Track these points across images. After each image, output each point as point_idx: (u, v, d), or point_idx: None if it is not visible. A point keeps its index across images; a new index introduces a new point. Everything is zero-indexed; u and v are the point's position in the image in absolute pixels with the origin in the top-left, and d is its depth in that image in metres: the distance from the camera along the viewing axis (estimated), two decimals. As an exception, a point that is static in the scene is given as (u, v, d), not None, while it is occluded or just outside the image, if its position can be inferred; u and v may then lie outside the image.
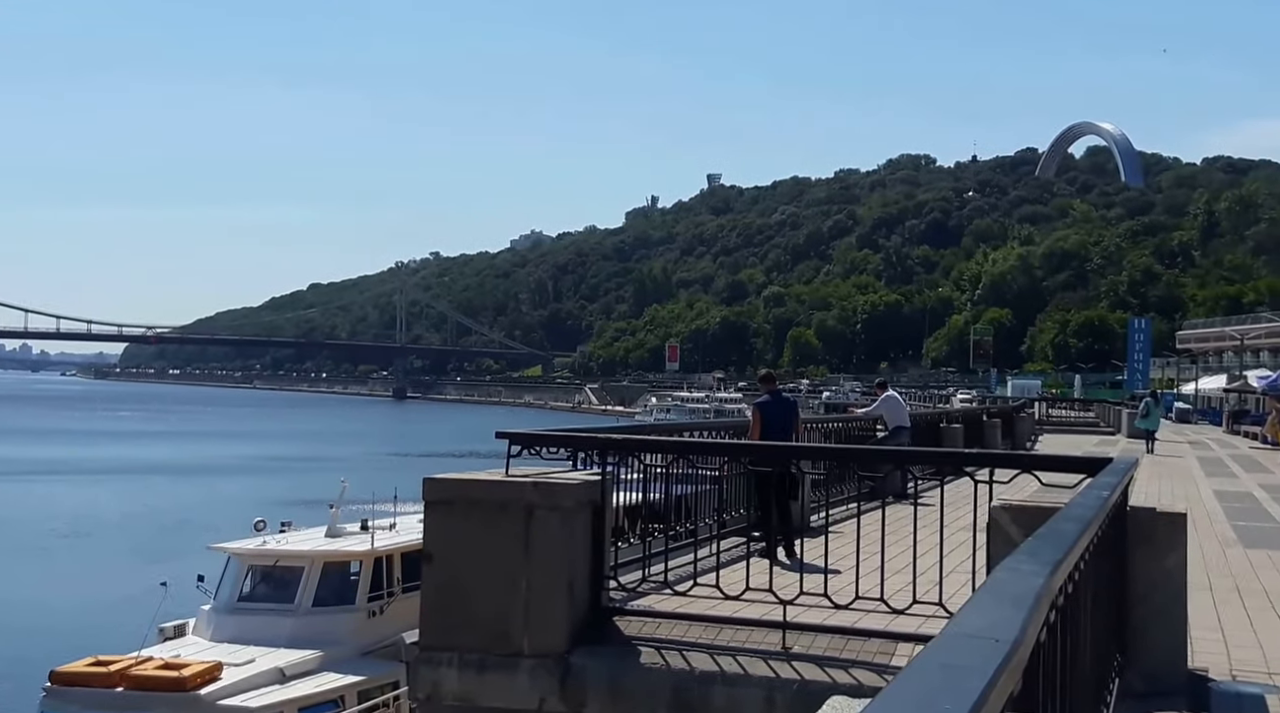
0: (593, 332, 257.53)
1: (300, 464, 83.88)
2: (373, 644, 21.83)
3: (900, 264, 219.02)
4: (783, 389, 14.81)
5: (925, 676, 1.82)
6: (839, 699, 2.46)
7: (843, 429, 19.07)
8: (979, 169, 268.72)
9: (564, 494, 8.45)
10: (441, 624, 8.56)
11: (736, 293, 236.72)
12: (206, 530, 35.26)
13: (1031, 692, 2.93)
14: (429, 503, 8.81)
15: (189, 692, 19.00)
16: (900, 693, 1.72)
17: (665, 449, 9.78)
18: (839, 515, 10.36)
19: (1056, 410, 62.82)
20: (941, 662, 1.92)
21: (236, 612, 22.18)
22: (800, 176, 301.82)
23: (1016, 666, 2.21)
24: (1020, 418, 38.30)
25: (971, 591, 7.65)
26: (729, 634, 8.16)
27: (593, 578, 8.58)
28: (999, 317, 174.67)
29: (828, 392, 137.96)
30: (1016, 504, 6.67)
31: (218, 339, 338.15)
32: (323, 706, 20.17)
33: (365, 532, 23.77)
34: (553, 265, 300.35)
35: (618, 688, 8.06)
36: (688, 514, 10.31)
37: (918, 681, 1.79)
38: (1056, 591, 3.32)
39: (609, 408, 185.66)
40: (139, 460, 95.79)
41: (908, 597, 8.02)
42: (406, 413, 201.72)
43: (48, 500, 69.16)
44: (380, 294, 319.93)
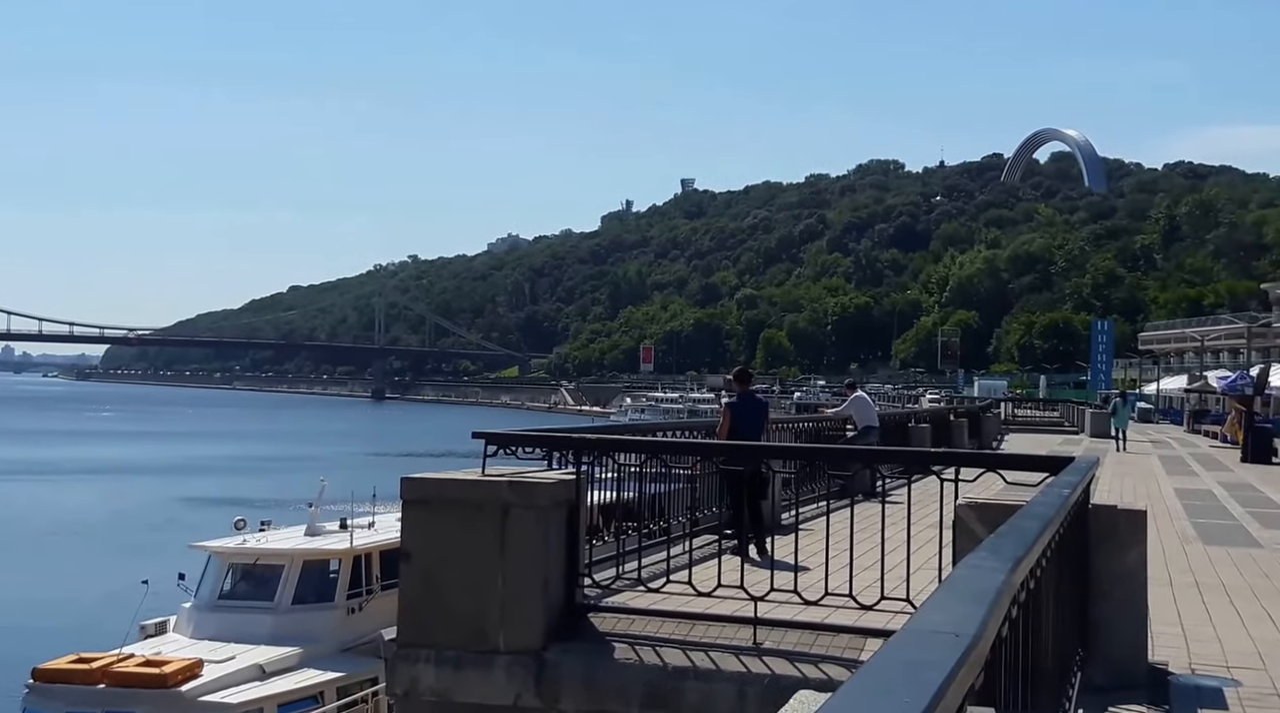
0: (569, 333, 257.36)
1: (280, 464, 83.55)
2: (352, 641, 21.79)
3: (870, 267, 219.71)
4: (756, 390, 14.80)
5: (886, 670, 1.84)
6: (806, 694, 2.47)
7: (813, 429, 19.14)
8: (946, 174, 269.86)
9: (539, 493, 8.45)
10: (419, 622, 8.56)
11: (710, 295, 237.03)
12: (187, 529, 35.10)
13: (993, 685, 2.95)
14: (407, 502, 8.81)
15: (170, 688, 18.93)
16: (862, 687, 1.73)
17: (639, 449, 9.79)
18: (809, 513, 10.42)
19: (1022, 410, 63.06)
20: (903, 657, 1.93)
21: (217, 609, 22.12)
22: (772, 181, 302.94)
23: (977, 660, 2.23)
24: (986, 418, 38.49)
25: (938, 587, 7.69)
26: (701, 630, 8.17)
27: (567, 576, 8.58)
28: (966, 319, 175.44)
29: (799, 392, 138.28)
30: (981, 502, 6.70)
31: (198, 341, 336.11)
32: (302, 702, 20.12)
33: (344, 530, 23.74)
34: (529, 268, 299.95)
35: (592, 684, 8.07)
36: (661, 513, 10.32)
37: (879, 675, 1.81)
38: (1018, 586, 3.34)
39: (584, 408, 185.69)
40: (120, 460, 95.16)
41: (876, 593, 8.05)
42: (385, 414, 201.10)
43: (29, 500, 68.61)
44: (359, 296, 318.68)
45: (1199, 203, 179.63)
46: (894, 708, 1.62)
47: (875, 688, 1.73)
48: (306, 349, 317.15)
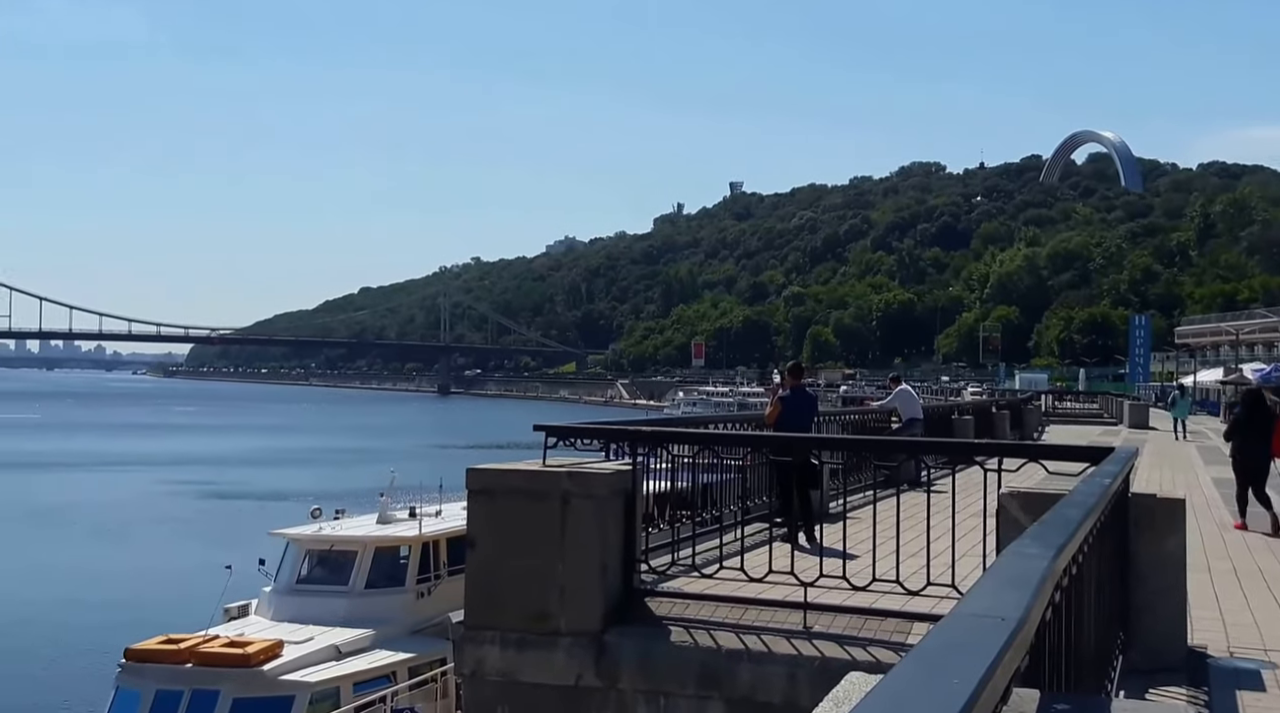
0: (623, 330, 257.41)
1: (352, 456, 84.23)
2: (421, 623, 21.89)
3: (913, 265, 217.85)
4: (807, 384, 14.65)
5: (936, 653, 1.83)
6: (856, 675, 2.46)
7: (859, 421, 19.01)
8: (986, 176, 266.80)
9: (597, 483, 8.45)
10: (485, 605, 8.58)
11: (758, 293, 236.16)
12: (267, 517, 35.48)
13: (1038, 668, 2.92)
14: (472, 492, 8.82)
15: (253, 667, 19.13)
16: (912, 669, 1.72)
17: (692, 440, 9.77)
18: (856, 502, 10.34)
19: (1062, 403, 62.30)
20: (951, 640, 1.92)
21: (295, 593, 22.30)
22: (817, 184, 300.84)
23: (1022, 643, 2.21)
24: (1028, 410, 38.04)
25: (982, 573, 7.62)
26: (753, 614, 8.15)
27: (625, 562, 8.58)
28: (1007, 314, 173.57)
29: (844, 386, 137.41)
30: (1024, 491, 6.63)
31: (276, 340, 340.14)
32: (376, 681, 20.26)
33: (413, 518, 23.84)
34: (585, 269, 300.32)
35: (649, 665, 8.07)
36: (713, 502, 10.30)
37: (929, 657, 1.79)
38: (1061, 572, 3.31)
39: (639, 402, 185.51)
40: (203, 453, 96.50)
41: (922, 579, 7.98)
42: (450, 408, 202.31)
43: (121, 489, 69.76)
44: (425, 297, 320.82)
45: (1233, 201, 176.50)
46: (944, 690, 1.61)
47: (925, 670, 1.72)
48: (376, 347, 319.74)
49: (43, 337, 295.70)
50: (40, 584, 40.81)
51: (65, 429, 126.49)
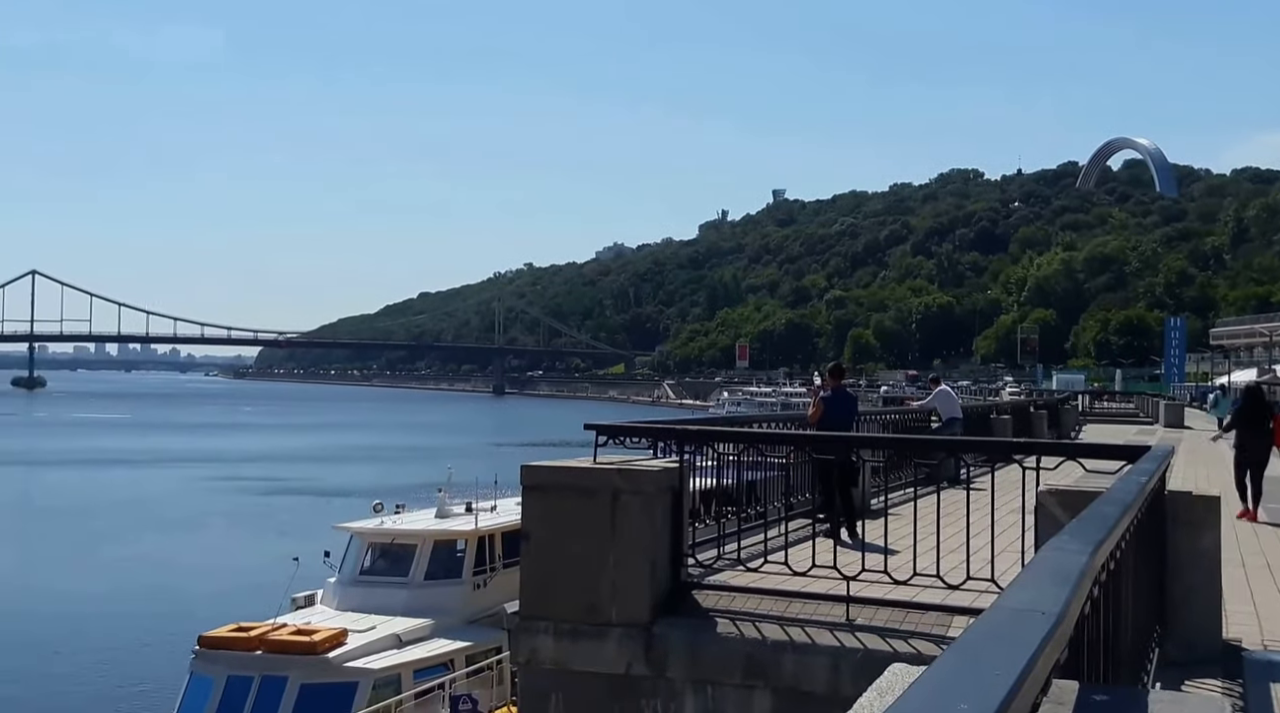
0: (670, 333, 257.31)
1: (412, 453, 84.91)
2: (477, 614, 21.95)
3: (951, 269, 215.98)
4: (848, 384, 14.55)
5: (978, 645, 1.81)
6: (899, 667, 2.44)
7: (900, 420, 18.86)
8: (1024, 182, 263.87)
9: (646, 480, 8.45)
10: (538, 596, 8.60)
11: (800, 297, 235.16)
12: (332, 512, 35.86)
13: (1077, 660, 2.89)
14: (526, 488, 8.83)
15: (319, 655, 19.29)
16: (955, 660, 1.70)
17: (737, 439, 9.75)
18: (897, 499, 10.28)
19: (1099, 403, 61.48)
20: (993, 632, 1.90)
21: (358, 584, 22.43)
22: (858, 190, 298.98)
23: (1062, 636, 2.19)
24: (1065, 410, 37.60)
25: (1021, 568, 7.53)
26: (797, 607, 8.11)
27: (672, 555, 8.57)
28: (1044, 317, 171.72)
29: (885, 386, 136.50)
30: (1062, 489, 6.55)
31: (339, 343, 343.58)
32: (435, 668, 20.36)
33: (470, 513, 23.90)
34: (634, 274, 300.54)
35: (697, 655, 8.06)
36: (758, 498, 10.27)
37: (971, 649, 1.78)
38: (1099, 568, 3.27)
39: (685, 402, 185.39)
40: (272, 450, 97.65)
41: (962, 574, 7.91)
42: (504, 407, 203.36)
43: (195, 485, 70.76)
44: (481, 301, 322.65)
45: (1266, 206, 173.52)
46: (986, 681, 1.59)
47: (968, 661, 1.70)
48: (434, 349, 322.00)
49: (121, 340, 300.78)
50: (119, 574, 41.53)
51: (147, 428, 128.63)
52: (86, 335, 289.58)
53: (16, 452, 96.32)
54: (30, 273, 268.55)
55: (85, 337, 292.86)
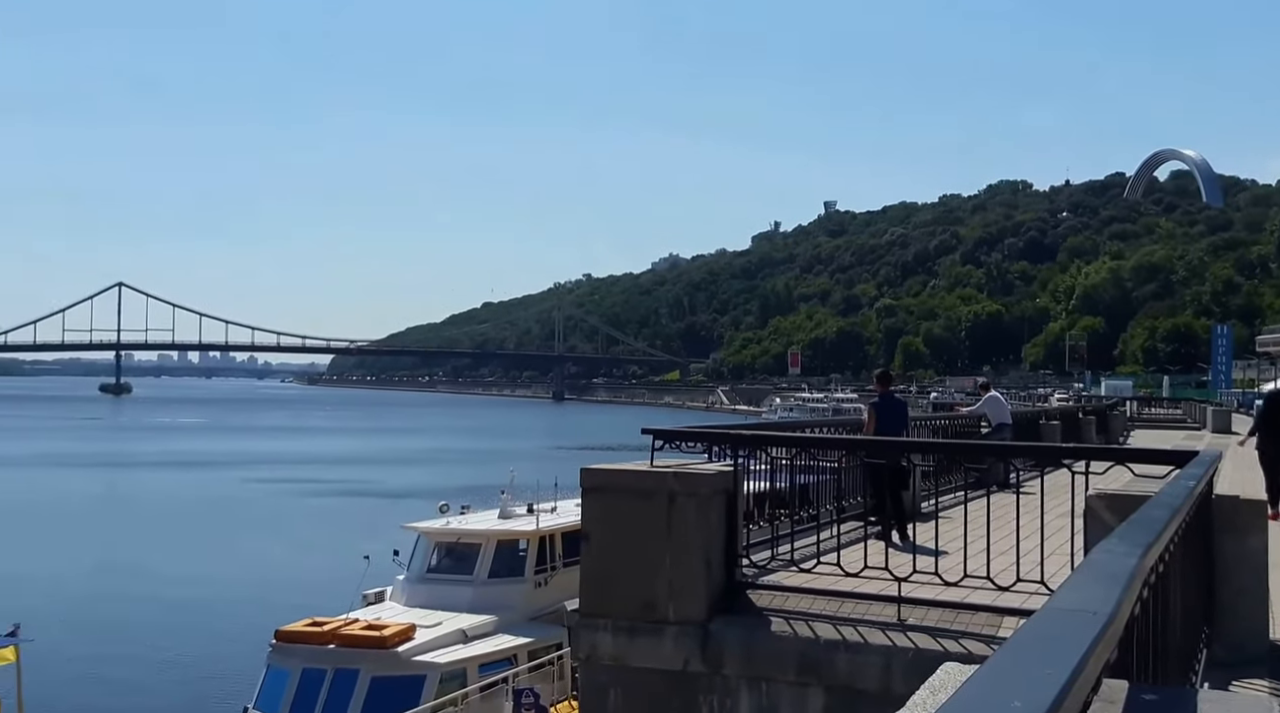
0: (723, 341, 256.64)
1: (475, 456, 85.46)
2: (539, 611, 22.02)
3: (1001, 278, 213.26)
4: (895, 390, 14.46)
5: (1030, 644, 1.79)
6: (951, 665, 2.42)
7: (950, 426, 18.66)
8: (1072, 192, 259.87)
9: (701, 483, 8.44)
10: (598, 594, 8.61)
11: (851, 305, 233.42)
12: (400, 512, 36.15)
13: (1127, 660, 2.86)
14: (585, 490, 8.84)
15: (389, 649, 19.47)
16: (1007, 660, 1.69)
17: (789, 444, 9.71)
18: (947, 503, 10.15)
19: (1147, 409, 60.32)
20: (1045, 632, 1.88)
21: (426, 581, 22.60)
22: (908, 201, 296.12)
23: (1112, 637, 2.16)
24: (1113, 415, 36.94)
25: (1070, 571, 7.43)
26: (850, 607, 8.06)
27: (727, 556, 8.54)
28: (1092, 325, 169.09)
29: (935, 392, 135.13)
30: (1111, 493, 6.46)
31: (407, 350, 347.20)
32: (499, 663, 20.45)
33: (531, 514, 23.99)
34: (688, 283, 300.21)
35: (751, 653, 8.03)
36: (810, 501, 10.21)
37: (1024, 648, 1.76)
38: (1148, 570, 3.23)
39: (738, 408, 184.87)
40: (344, 453, 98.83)
41: (1012, 576, 7.81)
42: (564, 412, 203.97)
43: (268, 486, 71.77)
44: (541, 311, 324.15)
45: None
46: (1038, 679, 1.58)
47: (1021, 660, 1.69)
48: (497, 357, 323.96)
49: (202, 348, 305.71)
50: (201, 571, 42.20)
51: (225, 431, 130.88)
52: (169, 344, 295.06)
53: (103, 454, 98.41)
54: (117, 285, 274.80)
55: (168, 345, 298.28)
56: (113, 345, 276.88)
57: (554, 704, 19.44)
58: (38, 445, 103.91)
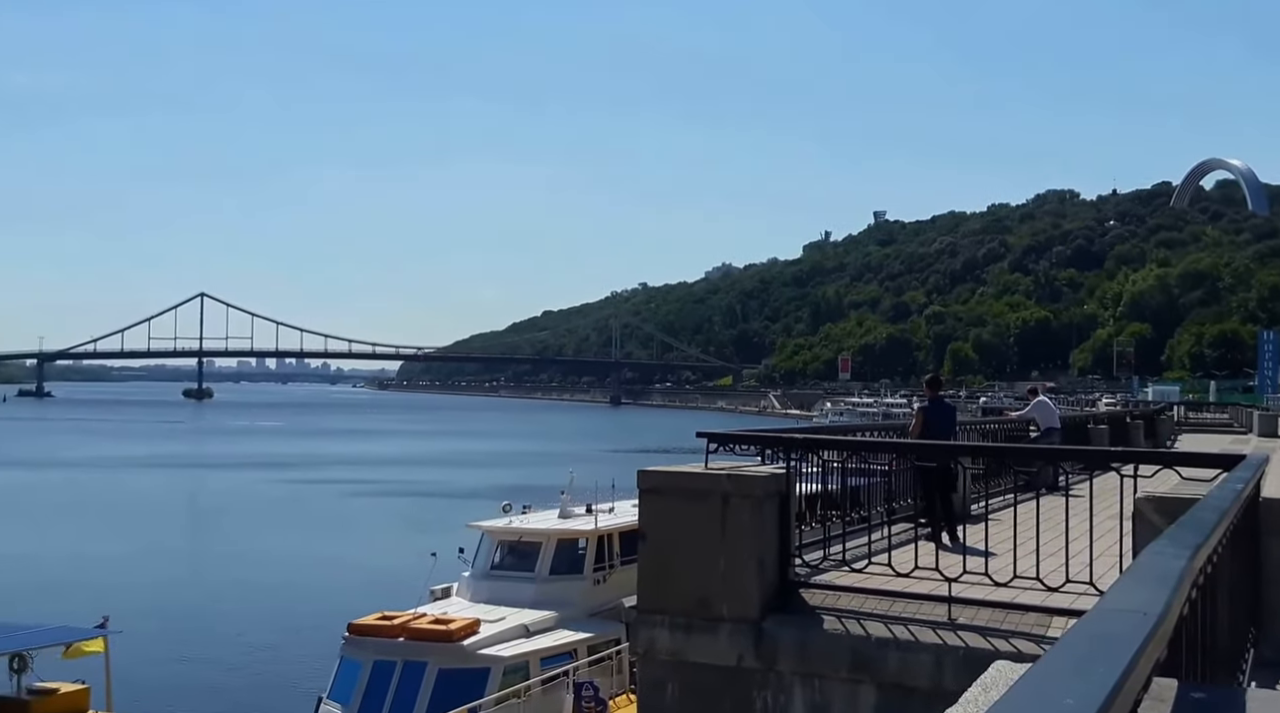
0: (775, 347, 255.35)
1: (536, 458, 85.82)
2: (598, 607, 22.04)
3: (1048, 285, 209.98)
4: (945, 395, 14.31)
5: (1082, 643, 1.78)
6: (1003, 663, 2.40)
7: (999, 430, 18.43)
8: (1119, 201, 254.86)
9: (754, 485, 8.42)
10: (655, 592, 8.62)
11: (900, 312, 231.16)
12: (466, 511, 36.43)
13: (1176, 659, 2.82)
14: (643, 491, 8.86)
15: (455, 642, 19.62)
16: (1060, 658, 1.68)
17: (840, 447, 9.66)
18: (997, 505, 10.05)
19: (1194, 413, 59.07)
20: (1096, 632, 1.87)
21: (489, 578, 22.73)
22: (957, 211, 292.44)
23: (1163, 636, 2.14)
24: (1161, 420, 36.24)
25: (1119, 572, 7.30)
26: (901, 606, 7.99)
27: (780, 556, 8.51)
28: (1140, 331, 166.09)
29: (984, 397, 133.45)
30: (1159, 496, 6.35)
31: (471, 357, 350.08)
32: (560, 657, 20.51)
33: (590, 514, 24.04)
34: (741, 292, 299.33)
35: (805, 650, 7.99)
36: (861, 503, 10.14)
37: (1076, 647, 1.75)
38: (1197, 571, 3.18)
39: (790, 412, 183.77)
40: (412, 454, 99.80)
41: (1061, 576, 7.71)
42: (620, 416, 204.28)
43: (340, 486, 72.69)
44: (599, 319, 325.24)
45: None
46: (1091, 677, 1.57)
47: (1073, 659, 1.68)
48: (556, 363, 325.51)
49: (279, 355, 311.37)
50: (277, 567, 42.88)
51: (301, 434, 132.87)
52: (248, 351, 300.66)
53: (186, 456, 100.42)
54: (199, 295, 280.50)
55: (247, 352, 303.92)
56: (195, 352, 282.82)
57: (613, 697, 19.46)
58: (125, 448, 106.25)
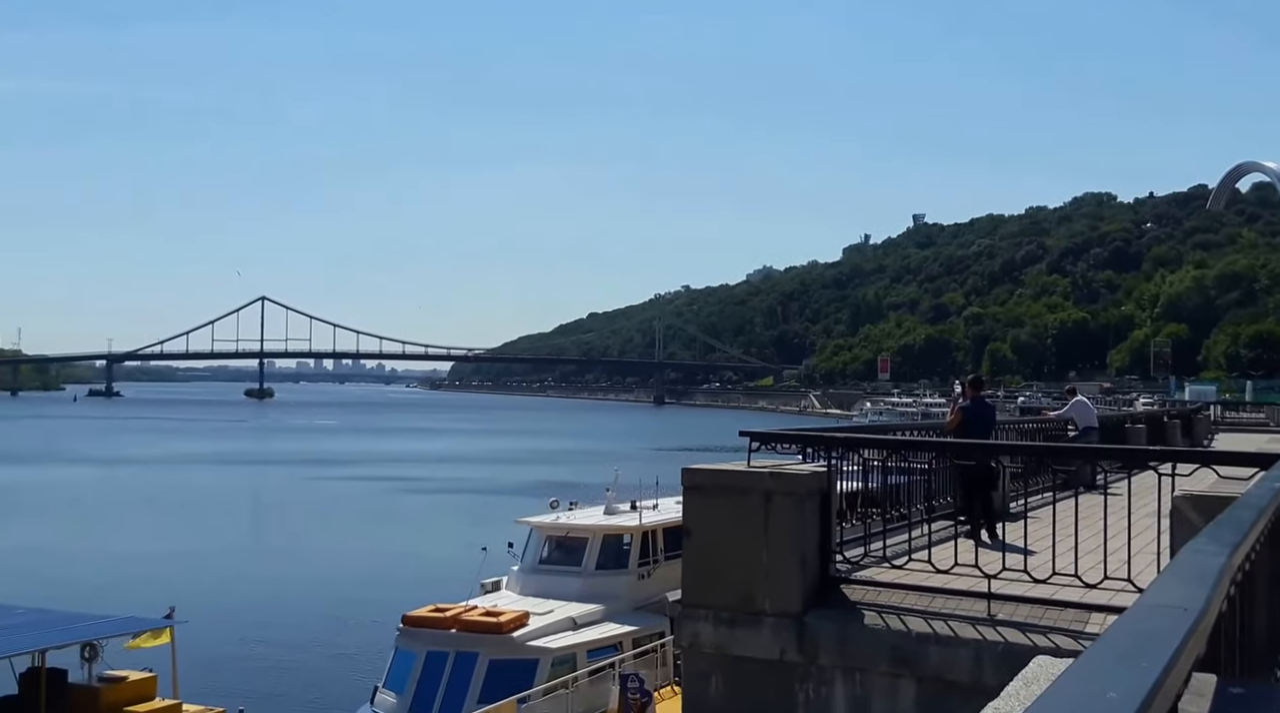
0: (815, 348, 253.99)
1: (582, 456, 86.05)
2: (642, 601, 22.07)
3: (1086, 287, 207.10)
4: (986, 395, 14.14)
5: (1124, 638, 1.77)
6: (1043, 659, 2.39)
7: (1037, 429, 18.21)
8: (1155, 204, 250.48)
9: (796, 482, 8.39)
10: (699, 586, 8.61)
11: (939, 314, 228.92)
12: (514, 507, 36.61)
13: (1215, 655, 2.79)
14: (687, 488, 8.84)
15: (505, 634, 19.74)
16: (1103, 652, 1.67)
17: (880, 445, 9.60)
18: (1036, 503, 9.93)
19: (1230, 413, 57.97)
20: (1137, 628, 1.85)
21: (538, 572, 22.83)
22: (995, 213, 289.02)
23: (1202, 632, 2.12)
24: (1198, 419, 35.59)
25: (1156, 570, 7.20)
26: (940, 602, 7.93)
27: (821, 552, 8.48)
28: (1176, 331, 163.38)
29: (1022, 396, 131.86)
30: (1197, 494, 6.25)
31: (519, 358, 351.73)
32: (606, 649, 20.57)
33: (634, 510, 24.06)
34: (781, 294, 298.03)
35: (846, 644, 7.95)
36: (900, 501, 10.07)
37: (1118, 642, 1.74)
38: (1236, 568, 3.14)
39: (830, 411, 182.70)
40: (461, 451, 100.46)
41: (1099, 573, 7.60)
42: (664, 416, 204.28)
43: (395, 482, 73.32)
44: (643, 320, 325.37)
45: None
46: (1133, 671, 1.56)
47: (1115, 653, 1.66)
48: (602, 364, 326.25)
49: (336, 356, 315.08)
50: (334, 559, 43.36)
51: (357, 432, 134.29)
52: (307, 352, 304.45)
53: (248, 453, 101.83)
54: (260, 299, 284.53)
55: (306, 353, 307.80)
56: (256, 354, 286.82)
57: (658, 689, 19.49)
58: (190, 445, 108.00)
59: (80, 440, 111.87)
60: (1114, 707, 1.41)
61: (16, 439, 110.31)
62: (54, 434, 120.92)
